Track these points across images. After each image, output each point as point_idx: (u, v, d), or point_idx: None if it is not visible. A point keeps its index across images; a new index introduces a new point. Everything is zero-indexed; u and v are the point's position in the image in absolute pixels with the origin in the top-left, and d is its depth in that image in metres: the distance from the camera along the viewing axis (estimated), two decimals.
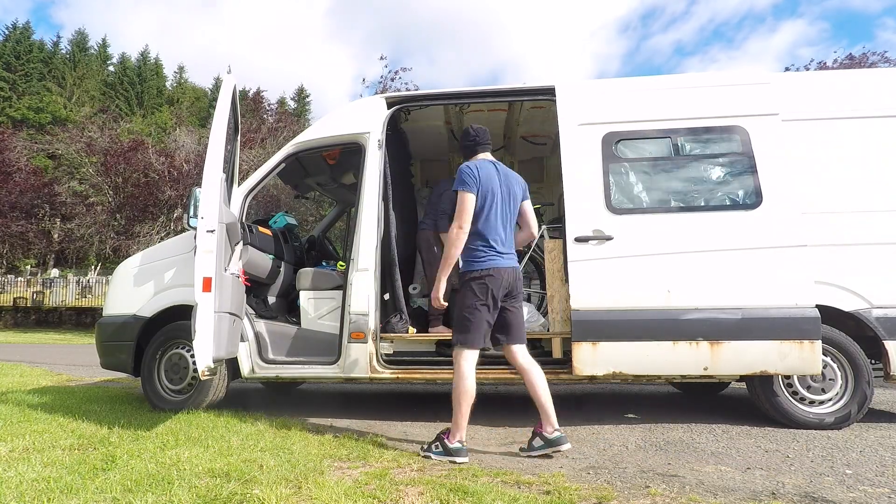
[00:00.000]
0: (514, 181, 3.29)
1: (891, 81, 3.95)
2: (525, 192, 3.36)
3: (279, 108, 33.82)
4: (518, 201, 3.30)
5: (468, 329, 3.09)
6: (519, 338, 3.23)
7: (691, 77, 4.22)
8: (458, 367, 3.09)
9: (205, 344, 3.25)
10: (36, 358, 8.96)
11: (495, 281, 3.08)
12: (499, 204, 3.16)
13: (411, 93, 4.92)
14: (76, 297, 20.51)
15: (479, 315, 3.08)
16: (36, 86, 48.37)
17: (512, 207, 3.25)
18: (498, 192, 3.17)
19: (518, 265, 3.28)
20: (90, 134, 21.21)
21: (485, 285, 3.08)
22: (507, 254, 3.17)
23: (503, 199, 3.19)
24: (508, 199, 3.22)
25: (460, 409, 3.03)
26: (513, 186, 3.26)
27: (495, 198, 3.15)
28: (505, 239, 3.18)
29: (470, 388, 3.04)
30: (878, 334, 3.58)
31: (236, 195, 4.34)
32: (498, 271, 3.09)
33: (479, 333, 3.09)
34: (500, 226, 3.16)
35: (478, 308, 3.08)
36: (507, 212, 3.21)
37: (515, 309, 3.22)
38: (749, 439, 3.43)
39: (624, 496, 2.43)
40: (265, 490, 2.31)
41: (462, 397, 3.03)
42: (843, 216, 3.70)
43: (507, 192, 3.22)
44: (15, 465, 2.64)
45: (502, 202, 3.18)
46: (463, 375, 3.05)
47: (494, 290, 3.08)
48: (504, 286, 3.11)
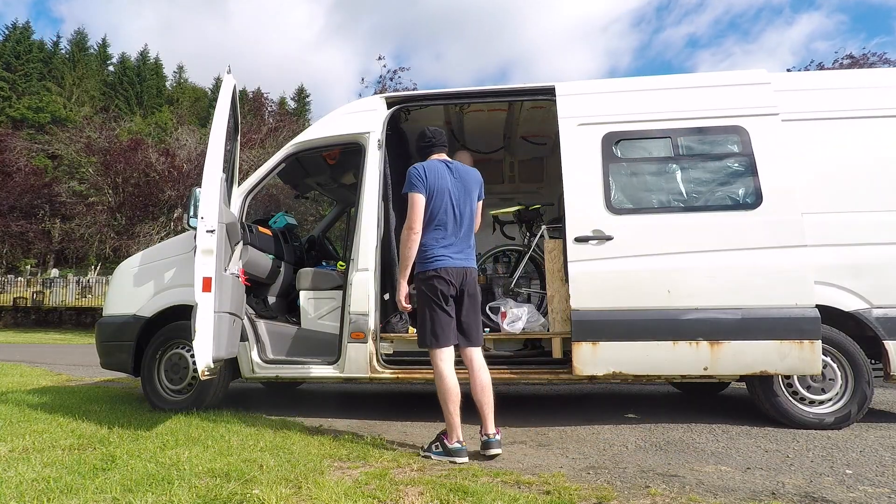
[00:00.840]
0: (470, 180, 3.27)
1: (891, 81, 3.96)
2: (481, 190, 3.35)
3: (279, 109, 33.81)
4: (475, 200, 3.30)
5: (431, 329, 3.09)
6: (476, 341, 3.22)
7: (691, 77, 4.22)
8: (435, 369, 3.09)
9: (205, 344, 3.25)
10: (36, 358, 8.96)
11: (443, 281, 3.09)
12: (450, 204, 3.16)
13: (411, 93, 4.92)
14: (76, 297, 20.50)
15: (437, 314, 3.08)
16: (36, 86, 48.33)
17: (468, 207, 3.23)
18: (447, 191, 3.16)
19: (474, 265, 3.26)
20: (90, 133, 21.20)
21: (433, 285, 3.09)
22: (457, 254, 3.16)
23: (456, 198, 3.18)
24: (463, 198, 3.21)
25: (447, 409, 3.03)
26: (469, 185, 3.25)
27: (444, 197, 3.15)
28: (458, 239, 3.18)
29: (451, 386, 3.04)
30: (878, 334, 3.58)
31: (236, 195, 4.34)
32: (447, 271, 3.09)
33: (444, 332, 3.08)
34: (453, 225, 3.16)
35: (433, 307, 3.09)
36: (462, 211, 3.20)
37: (471, 310, 3.20)
38: (749, 439, 3.43)
39: (624, 496, 2.43)
40: (265, 490, 2.31)
41: (446, 397, 3.03)
42: (843, 216, 3.70)
43: (462, 190, 3.22)
44: (15, 465, 2.64)
45: (455, 202, 3.18)
46: (441, 376, 3.05)
47: (444, 289, 3.08)
48: (454, 286, 3.11)
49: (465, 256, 3.20)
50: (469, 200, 3.24)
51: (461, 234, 3.20)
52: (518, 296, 4.82)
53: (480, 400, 3.10)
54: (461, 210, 3.20)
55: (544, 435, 3.64)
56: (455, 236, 3.17)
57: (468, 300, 3.18)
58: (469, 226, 3.25)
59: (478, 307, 3.26)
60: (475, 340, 3.21)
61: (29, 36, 51.99)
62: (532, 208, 5.01)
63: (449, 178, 3.20)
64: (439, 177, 3.17)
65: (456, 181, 3.21)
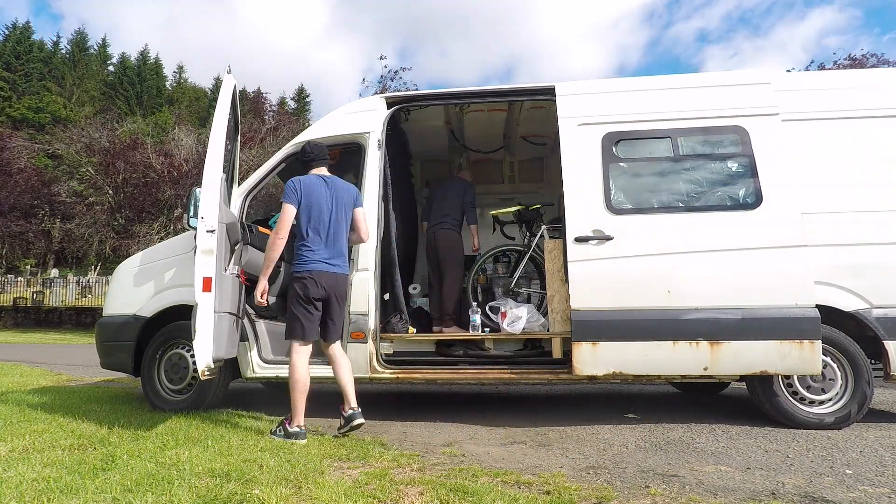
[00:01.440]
0: (343, 193, 3.58)
1: (891, 81, 3.96)
2: (356, 200, 3.67)
3: (279, 109, 33.83)
4: (349, 210, 3.60)
5: (294, 324, 3.43)
6: (334, 336, 3.58)
7: (691, 77, 4.22)
8: (290, 360, 3.43)
9: (205, 344, 3.25)
10: (36, 358, 8.96)
11: (313, 283, 3.40)
12: (324, 214, 3.47)
13: (411, 93, 4.92)
14: (76, 297, 20.48)
15: (304, 311, 3.41)
16: (36, 86, 48.30)
17: (341, 217, 3.55)
18: (323, 203, 3.48)
19: (346, 272, 3.58)
20: (91, 133, 21.21)
21: (304, 286, 3.40)
22: (329, 259, 3.47)
23: (329, 209, 3.49)
24: (335, 209, 3.51)
25: (293, 396, 3.37)
26: (341, 197, 3.56)
27: (320, 208, 3.47)
28: (329, 246, 3.48)
29: (300, 378, 3.40)
30: (878, 334, 3.58)
31: (236, 195, 4.34)
32: (318, 275, 3.41)
33: (304, 328, 3.40)
34: (325, 234, 3.47)
35: (302, 305, 3.41)
36: (335, 221, 3.51)
37: (337, 312, 3.54)
38: (749, 439, 3.43)
39: (624, 496, 2.43)
40: (265, 490, 2.31)
41: (294, 386, 3.38)
42: (843, 216, 3.70)
43: (334, 202, 3.52)
44: (15, 465, 2.64)
45: (329, 212, 3.49)
46: (294, 367, 3.41)
47: (312, 290, 3.39)
48: (322, 289, 3.41)
49: (337, 264, 3.51)
50: (343, 211, 3.55)
51: (333, 242, 3.51)
52: (518, 296, 4.82)
53: (343, 379, 3.53)
54: (336, 220, 3.51)
55: (544, 435, 3.64)
56: (328, 245, 3.48)
57: (336, 303, 3.51)
58: (341, 235, 3.55)
59: (343, 310, 3.64)
60: (332, 338, 3.57)
61: (29, 36, 51.94)
62: (532, 208, 5.01)
63: (322, 190, 3.50)
64: (313, 190, 3.48)
65: (330, 194, 3.52)
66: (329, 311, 3.50)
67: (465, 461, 2.98)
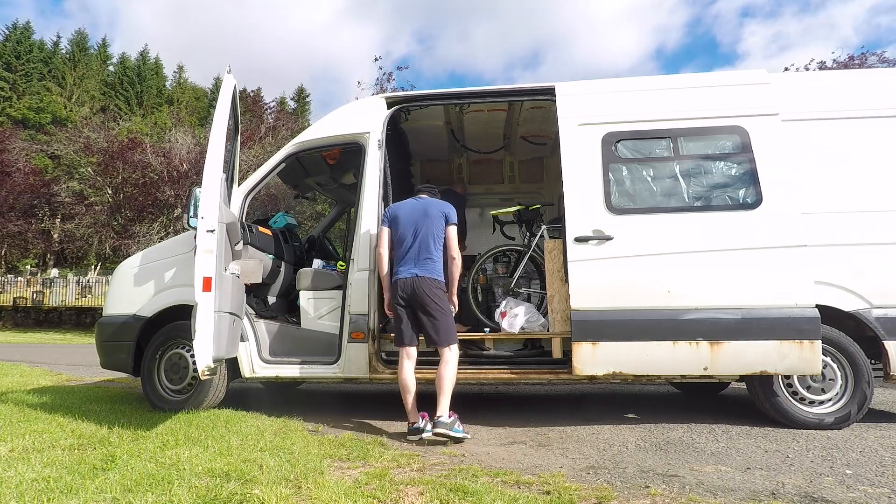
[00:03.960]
0: (433, 209, 3.78)
1: (891, 81, 3.96)
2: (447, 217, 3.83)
3: (279, 108, 33.84)
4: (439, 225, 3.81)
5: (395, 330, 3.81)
6: (428, 341, 3.72)
7: (691, 77, 4.22)
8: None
9: (205, 344, 3.25)
10: (36, 358, 8.96)
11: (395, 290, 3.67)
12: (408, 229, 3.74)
13: (411, 93, 4.92)
14: (76, 297, 20.47)
15: (395, 317, 3.73)
16: (36, 86, 48.29)
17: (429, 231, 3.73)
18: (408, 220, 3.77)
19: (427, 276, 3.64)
20: (88, 133, 21.21)
21: (392, 294, 3.74)
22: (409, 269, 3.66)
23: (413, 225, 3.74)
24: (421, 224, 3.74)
25: (402, 398, 3.58)
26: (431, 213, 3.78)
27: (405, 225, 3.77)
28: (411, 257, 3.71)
29: (401, 380, 3.57)
30: (878, 334, 3.58)
31: (236, 195, 4.34)
32: (400, 282, 3.65)
33: (396, 333, 3.70)
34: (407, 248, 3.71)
35: (395, 311, 3.72)
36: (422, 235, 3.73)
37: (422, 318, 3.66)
38: (749, 439, 3.43)
39: (624, 496, 2.43)
40: (265, 490, 2.31)
41: (400, 388, 3.59)
42: (843, 216, 3.70)
43: (421, 218, 3.74)
44: (15, 465, 2.64)
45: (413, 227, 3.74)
46: (397, 370, 3.63)
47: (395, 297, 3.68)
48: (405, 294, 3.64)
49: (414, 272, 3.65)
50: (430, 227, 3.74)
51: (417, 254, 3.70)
52: (518, 296, 4.82)
53: (438, 386, 3.58)
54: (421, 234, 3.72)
55: (544, 435, 3.64)
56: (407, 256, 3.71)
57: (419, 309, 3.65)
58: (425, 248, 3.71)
59: (430, 316, 3.64)
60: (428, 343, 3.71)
61: (29, 36, 51.90)
62: (532, 208, 5.00)
63: (411, 210, 3.79)
64: (399, 211, 3.82)
65: (419, 210, 3.76)
66: (417, 317, 3.61)
67: (465, 461, 2.98)
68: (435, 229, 3.70)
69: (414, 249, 3.64)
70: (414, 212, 3.73)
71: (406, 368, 3.58)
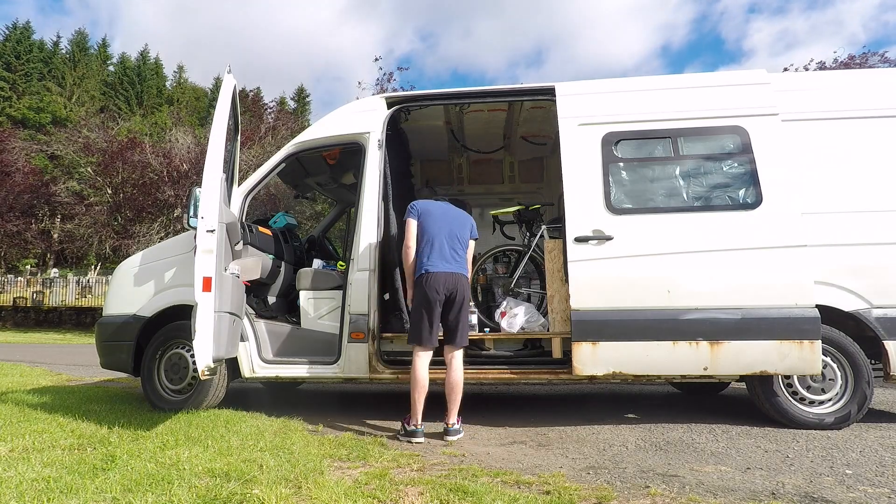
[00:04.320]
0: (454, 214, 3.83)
1: (891, 81, 3.96)
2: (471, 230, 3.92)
3: (279, 108, 33.85)
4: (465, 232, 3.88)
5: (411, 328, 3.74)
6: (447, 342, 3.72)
7: (691, 77, 4.22)
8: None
9: (205, 344, 3.25)
10: (36, 358, 8.96)
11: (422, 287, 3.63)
12: (437, 227, 3.75)
13: (411, 93, 4.92)
14: (76, 297, 20.47)
15: (415, 315, 3.68)
16: (36, 86, 48.27)
17: (454, 232, 3.76)
18: (437, 219, 3.78)
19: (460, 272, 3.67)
20: (87, 133, 21.21)
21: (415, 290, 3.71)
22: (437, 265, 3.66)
23: (439, 224, 3.76)
24: (448, 225, 3.77)
25: (411, 396, 3.53)
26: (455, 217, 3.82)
27: (434, 223, 3.76)
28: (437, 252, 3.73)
29: (416, 378, 3.53)
30: (878, 334, 3.58)
31: (236, 195, 4.34)
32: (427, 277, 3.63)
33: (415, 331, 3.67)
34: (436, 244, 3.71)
35: (415, 309, 3.70)
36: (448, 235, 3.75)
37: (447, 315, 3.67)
38: (749, 439, 3.43)
39: (624, 496, 2.43)
40: (265, 490, 2.31)
41: (412, 386, 3.54)
42: (843, 216, 3.70)
43: (446, 220, 3.77)
44: (15, 465, 2.64)
45: (440, 226, 3.75)
46: (411, 368, 3.59)
47: (427, 294, 3.62)
48: (439, 291, 3.61)
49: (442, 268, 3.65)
50: (456, 229, 3.78)
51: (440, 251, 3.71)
52: (518, 296, 4.82)
53: (446, 391, 3.58)
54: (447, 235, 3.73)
55: (544, 435, 3.64)
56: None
57: (449, 306, 3.64)
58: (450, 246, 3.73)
59: (456, 314, 3.65)
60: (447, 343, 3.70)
61: (29, 36, 51.89)
62: (532, 208, 5.00)
63: (436, 211, 3.80)
64: (429, 210, 3.80)
65: (441, 213, 3.78)
66: (446, 315, 3.61)
67: (465, 461, 2.98)
68: (465, 236, 3.77)
69: (448, 248, 3.63)
70: (447, 213, 3.76)
71: (423, 366, 3.52)
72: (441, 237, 3.65)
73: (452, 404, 3.51)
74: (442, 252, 3.61)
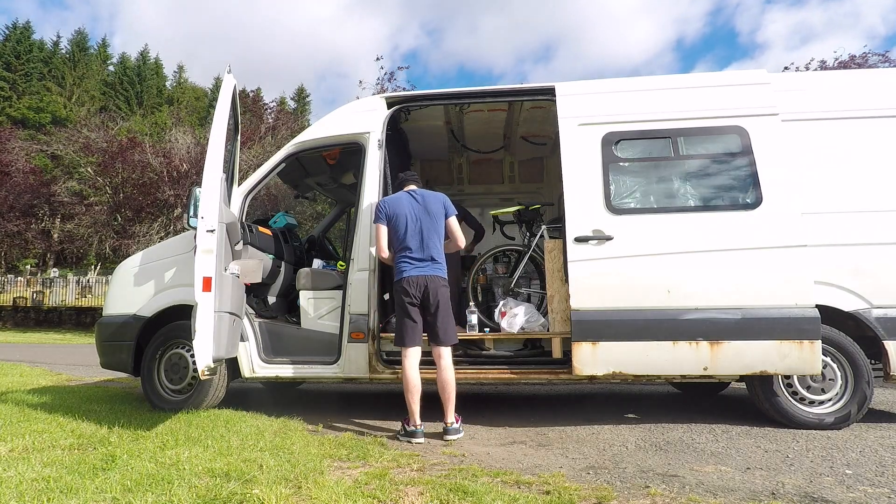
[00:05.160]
0: (431, 204, 3.73)
1: (891, 81, 3.96)
2: (446, 210, 3.82)
3: (279, 108, 33.86)
4: (440, 220, 3.79)
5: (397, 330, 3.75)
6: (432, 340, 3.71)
7: (691, 77, 4.23)
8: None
9: (205, 344, 3.25)
10: (36, 358, 8.96)
11: (402, 288, 3.63)
12: (409, 224, 3.69)
13: (411, 93, 4.92)
14: (76, 296, 20.46)
15: (400, 316, 3.66)
16: (36, 86, 48.28)
17: (431, 226, 3.71)
18: (408, 214, 3.70)
19: (436, 274, 3.65)
20: (87, 133, 21.21)
21: (398, 292, 3.64)
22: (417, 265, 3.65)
23: (415, 220, 3.70)
24: (423, 219, 3.70)
25: (405, 398, 3.55)
26: (430, 209, 3.74)
27: (406, 220, 3.70)
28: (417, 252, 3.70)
29: (408, 379, 3.52)
30: (878, 334, 3.58)
31: (236, 195, 4.34)
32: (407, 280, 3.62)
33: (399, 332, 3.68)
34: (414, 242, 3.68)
35: (399, 310, 3.65)
36: (425, 230, 3.71)
37: (429, 315, 3.64)
38: (749, 439, 3.43)
39: (624, 496, 2.43)
40: (265, 490, 2.31)
41: (405, 388, 3.54)
42: (843, 216, 3.70)
43: (422, 213, 3.72)
44: (15, 464, 2.64)
45: (415, 223, 3.69)
46: (402, 370, 3.57)
47: (404, 295, 3.62)
48: (417, 291, 3.61)
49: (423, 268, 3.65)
50: (432, 222, 3.72)
51: (422, 249, 3.66)
52: (518, 296, 4.82)
53: (439, 391, 3.58)
54: (425, 230, 3.69)
55: (544, 435, 3.64)
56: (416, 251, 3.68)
57: (429, 307, 3.62)
58: (430, 243, 3.70)
59: (438, 314, 3.63)
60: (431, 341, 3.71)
61: (29, 36, 51.88)
62: (532, 208, 5.00)
63: (409, 205, 3.71)
64: (399, 206, 3.72)
65: (417, 206, 3.70)
66: (425, 315, 3.60)
67: (465, 461, 2.98)
68: (438, 227, 3.69)
69: (420, 248, 3.60)
70: (413, 209, 3.67)
71: (412, 367, 3.54)
72: (412, 239, 3.62)
73: (447, 403, 3.51)
74: (412, 254, 3.61)
